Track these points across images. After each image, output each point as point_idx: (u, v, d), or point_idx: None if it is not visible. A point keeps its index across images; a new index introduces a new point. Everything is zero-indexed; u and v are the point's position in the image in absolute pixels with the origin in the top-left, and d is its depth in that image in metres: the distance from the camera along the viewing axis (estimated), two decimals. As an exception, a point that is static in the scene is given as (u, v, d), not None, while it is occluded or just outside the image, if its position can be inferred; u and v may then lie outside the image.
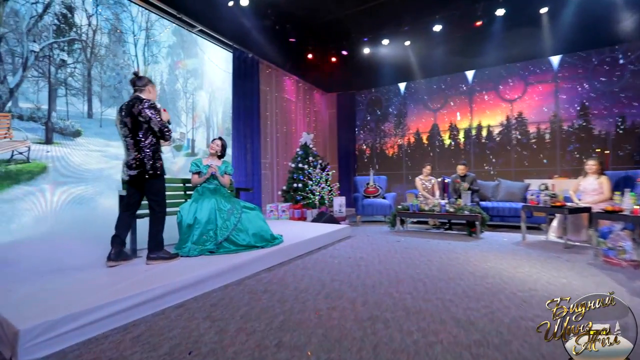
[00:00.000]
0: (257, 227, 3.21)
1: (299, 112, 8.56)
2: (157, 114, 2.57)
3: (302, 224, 4.95)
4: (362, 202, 6.02)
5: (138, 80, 2.64)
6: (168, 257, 2.63)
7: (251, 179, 6.67)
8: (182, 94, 5.60)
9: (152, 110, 2.55)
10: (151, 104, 2.56)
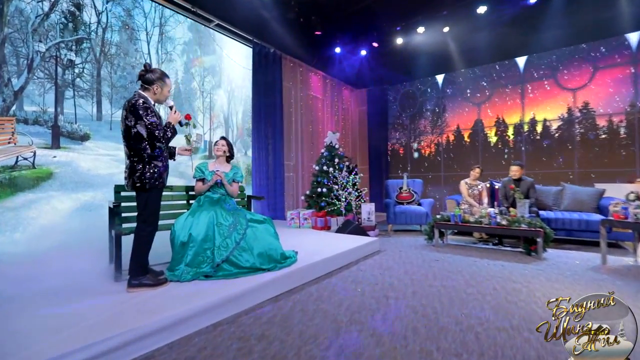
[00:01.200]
0: (264, 245, 2.71)
1: (325, 110, 8.01)
2: (150, 115, 2.13)
3: (325, 235, 4.39)
4: (394, 209, 5.33)
5: (147, 74, 2.22)
6: (153, 284, 2.21)
7: (273, 182, 6.24)
8: (198, 93, 5.29)
9: (141, 110, 2.11)
10: (142, 104, 2.12)
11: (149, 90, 2.28)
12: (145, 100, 2.19)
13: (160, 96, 2.32)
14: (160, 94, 2.31)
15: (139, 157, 2.19)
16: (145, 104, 2.17)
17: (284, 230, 4.77)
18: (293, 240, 3.95)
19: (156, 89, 2.28)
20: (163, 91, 2.32)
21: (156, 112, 2.30)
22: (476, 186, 4.71)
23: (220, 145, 3.05)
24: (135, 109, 2.13)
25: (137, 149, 2.19)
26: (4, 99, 3.40)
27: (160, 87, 2.30)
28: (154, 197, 2.24)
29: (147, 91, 2.28)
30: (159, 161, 2.26)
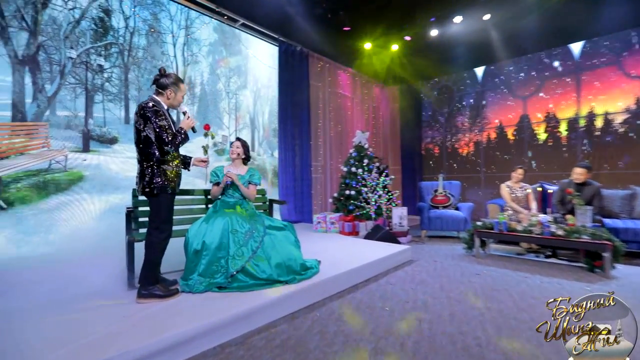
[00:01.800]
0: (283, 254, 2.49)
1: (355, 108, 7.70)
2: (159, 118, 2.02)
3: (352, 241, 4.11)
4: (429, 214, 4.91)
5: (161, 79, 2.16)
6: (163, 295, 2.07)
7: (300, 184, 6.06)
8: (224, 94, 5.23)
9: (150, 113, 2.02)
10: (152, 107, 2.02)
11: (163, 95, 2.20)
12: (156, 104, 2.10)
13: (173, 101, 2.23)
14: (173, 98, 2.22)
15: (148, 161, 2.09)
16: (155, 107, 2.06)
17: (309, 235, 4.56)
18: (317, 247, 3.72)
19: (169, 94, 2.19)
20: (177, 96, 2.23)
21: (168, 116, 2.18)
22: (521, 189, 4.17)
23: (234, 147, 2.89)
24: (144, 112, 2.04)
25: (147, 153, 2.08)
26: (38, 104, 3.51)
27: (174, 92, 2.21)
28: (164, 203, 2.12)
29: (160, 96, 2.21)
30: (169, 165, 2.14)
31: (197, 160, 2.53)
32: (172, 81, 2.20)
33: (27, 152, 3.44)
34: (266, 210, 3.43)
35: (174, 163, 2.18)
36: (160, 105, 2.16)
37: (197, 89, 4.85)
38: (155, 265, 2.10)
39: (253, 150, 5.73)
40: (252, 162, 5.64)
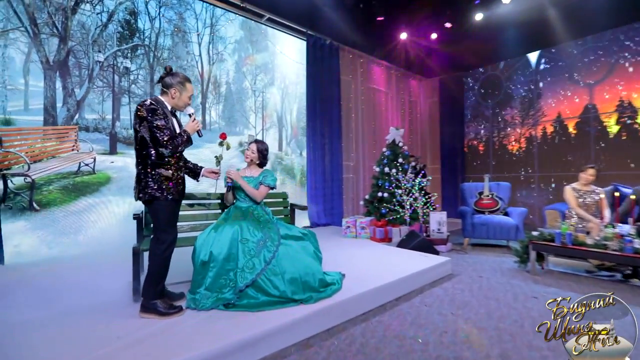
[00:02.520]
0: (299, 268, 2.21)
1: (390, 103, 7.22)
2: (156, 117, 1.85)
3: (383, 250, 3.72)
4: (473, 220, 4.35)
5: (166, 77, 2.00)
6: (164, 312, 1.89)
7: (330, 185, 5.75)
8: (250, 92, 5.08)
9: (147, 111, 1.84)
10: (149, 105, 1.85)
11: (167, 95, 2.02)
12: (155, 103, 1.92)
13: (178, 101, 2.04)
14: (178, 98, 2.04)
15: (144, 164, 1.93)
16: (152, 105, 1.89)
17: (337, 241, 4.24)
18: (344, 255, 3.39)
19: (174, 93, 2.01)
20: (182, 96, 2.04)
21: (171, 117, 2.00)
22: (590, 193, 3.48)
23: (249, 152, 2.64)
24: (141, 111, 1.86)
25: (142, 156, 1.92)
26: (68, 108, 3.57)
27: (179, 92, 2.02)
28: (161, 211, 1.94)
29: (164, 95, 2.04)
30: (167, 170, 1.95)
31: (208, 172, 2.36)
32: (179, 80, 2.02)
33: (58, 155, 3.52)
34: (287, 216, 3.17)
35: (173, 167, 1.99)
36: (163, 105, 1.99)
37: (223, 88, 4.75)
38: (157, 278, 1.92)
39: (280, 150, 5.53)
40: (280, 163, 5.44)
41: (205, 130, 4.57)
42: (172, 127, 2.00)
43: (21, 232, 3.29)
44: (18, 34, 3.30)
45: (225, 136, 2.45)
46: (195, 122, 2.07)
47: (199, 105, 4.48)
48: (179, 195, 2.03)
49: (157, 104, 1.92)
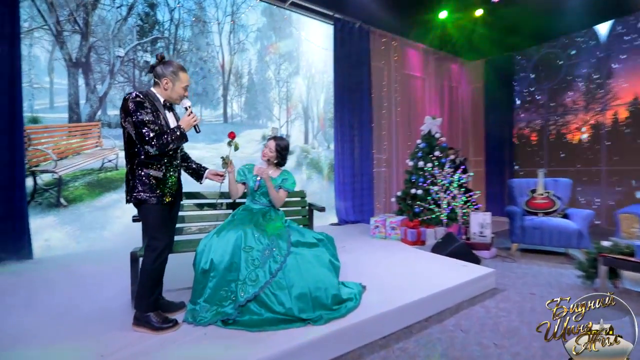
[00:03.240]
0: (310, 281, 1.92)
1: (427, 90, 6.61)
2: (141, 112, 1.64)
3: (415, 255, 3.32)
4: (523, 222, 3.75)
5: (158, 67, 1.79)
6: (157, 327, 1.72)
7: (359, 179, 5.39)
8: (274, 82, 4.84)
9: (132, 104, 1.65)
10: (134, 98, 1.66)
11: (159, 86, 1.81)
12: (143, 95, 1.72)
13: (171, 93, 1.83)
14: (171, 90, 1.82)
15: (132, 164, 1.74)
16: (138, 98, 1.68)
17: (365, 242, 3.89)
18: (368, 260, 3.05)
19: (166, 84, 1.80)
20: (175, 87, 1.82)
21: (162, 111, 1.79)
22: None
23: (267, 150, 2.38)
24: (125, 104, 1.67)
25: (131, 154, 1.73)
26: (91, 105, 3.58)
27: (172, 82, 1.80)
28: (150, 216, 1.75)
29: (156, 86, 1.83)
30: (156, 170, 1.75)
31: (212, 174, 2.16)
32: (171, 70, 1.80)
33: (82, 152, 3.55)
34: (305, 217, 2.89)
35: (164, 167, 1.79)
36: (154, 97, 1.78)
37: (245, 78, 4.55)
38: (149, 290, 1.75)
39: (306, 143, 5.26)
40: (306, 157, 5.18)
41: (227, 123, 4.42)
42: (164, 122, 1.79)
43: (51, 227, 3.37)
44: (42, 32, 3.33)
45: (234, 135, 2.21)
46: (191, 116, 1.85)
47: (220, 98, 4.33)
48: (172, 198, 1.83)
49: (145, 97, 1.71)
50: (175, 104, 1.91)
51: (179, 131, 1.78)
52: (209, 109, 4.26)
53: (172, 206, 1.92)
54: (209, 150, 4.22)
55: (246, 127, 4.56)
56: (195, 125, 1.89)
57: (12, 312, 1.98)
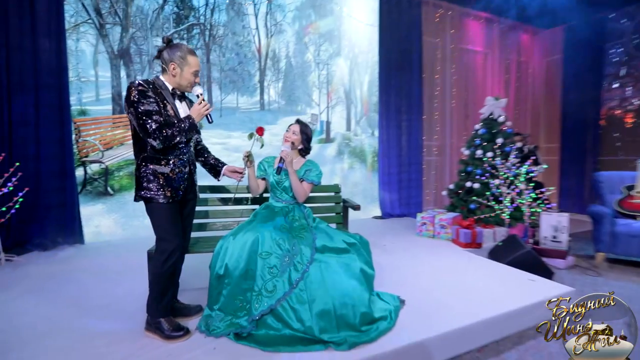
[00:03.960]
0: (335, 296, 1.64)
1: (490, 67, 5.75)
2: (145, 101, 1.48)
3: (467, 260, 2.85)
4: (614, 227, 3.01)
5: (164, 52, 1.62)
6: (167, 335, 1.60)
7: (407, 169, 4.92)
8: (313, 65, 4.53)
9: (135, 94, 1.50)
10: (138, 86, 1.51)
11: (166, 72, 1.63)
12: (146, 84, 1.55)
13: (180, 79, 1.63)
14: (180, 76, 1.62)
15: (137, 158, 1.61)
16: (141, 86, 1.51)
17: (409, 241, 3.50)
18: (410, 266, 2.67)
19: (173, 70, 1.60)
20: (184, 73, 1.62)
21: (167, 99, 1.60)
22: None
23: (289, 133, 2.10)
24: (128, 94, 1.51)
25: (137, 149, 1.61)
26: (132, 95, 3.64)
27: (180, 67, 1.60)
28: (160, 215, 1.61)
29: (164, 74, 1.65)
30: (163, 166, 1.58)
31: (229, 171, 1.96)
32: (179, 54, 1.60)
33: (125, 142, 3.65)
34: (339, 214, 2.59)
35: (172, 163, 1.61)
36: (161, 85, 1.61)
37: (282, 62, 4.31)
38: (159, 294, 1.63)
39: (348, 130, 4.90)
40: (347, 145, 4.84)
41: (264, 110, 4.25)
42: (174, 112, 1.61)
43: (100, 215, 3.55)
44: (87, 26, 3.42)
45: (262, 132, 1.96)
46: (202, 104, 1.64)
47: (256, 84, 4.16)
48: (182, 196, 1.66)
49: (148, 85, 1.54)
50: (186, 92, 1.72)
51: (189, 122, 1.59)
52: (245, 95, 4.12)
53: (184, 205, 1.77)
54: (244, 139, 4.10)
55: (284, 114, 4.35)
56: (207, 115, 1.68)
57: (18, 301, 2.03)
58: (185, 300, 2.02)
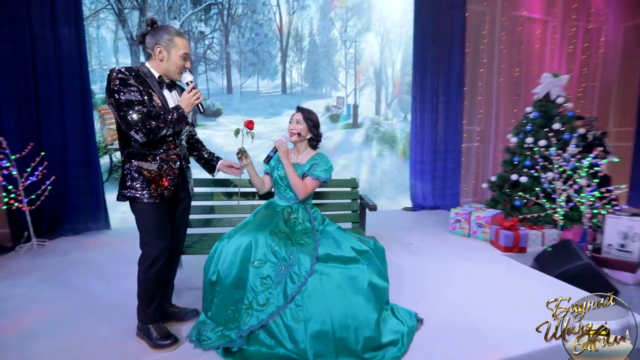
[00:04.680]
0: (335, 315, 1.42)
1: (550, 37, 4.94)
2: (126, 90, 1.32)
3: (507, 269, 2.46)
4: None
5: (148, 35, 1.43)
6: (154, 344, 1.49)
7: (442, 157, 4.47)
8: (339, 43, 4.16)
9: (115, 82, 1.32)
10: (118, 74, 1.33)
11: (152, 58, 1.45)
12: (128, 71, 1.36)
13: (168, 64, 1.44)
14: (167, 60, 1.43)
15: (121, 154, 1.48)
16: (121, 74, 1.33)
17: (438, 239, 3.15)
18: (436, 272, 2.35)
19: (159, 53, 1.41)
20: (172, 56, 1.42)
21: (152, 88, 1.42)
22: None
23: (294, 123, 1.85)
24: (108, 82, 1.34)
25: (122, 142, 1.47)
26: (152, 81, 3.59)
27: (166, 50, 1.41)
28: (144, 216, 1.47)
29: (150, 60, 1.46)
30: (150, 161, 1.43)
31: (225, 165, 1.77)
32: (167, 37, 1.40)
33: (147, 130, 3.64)
34: (356, 212, 2.33)
35: (159, 159, 1.45)
36: (146, 73, 1.42)
37: (305, 41, 4.00)
38: (145, 300, 1.52)
39: (378, 114, 4.51)
40: (376, 130, 4.47)
41: (286, 94, 4.01)
42: (161, 102, 1.43)
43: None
44: (106, 12, 3.37)
45: (252, 124, 1.75)
46: (192, 92, 1.44)
47: (277, 66, 3.91)
48: (168, 196, 1.50)
49: (130, 73, 1.35)
50: (175, 79, 1.52)
51: (177, 113, 1.41)
52: (266, 79, 3.90)
53: (176, 204, 1.62)
54: (266, 124, 3.92)
55: (307, 97, 4.07)
56: (198, 105, 1.49)
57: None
58: (185, 300, 1.94)
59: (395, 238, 3.18)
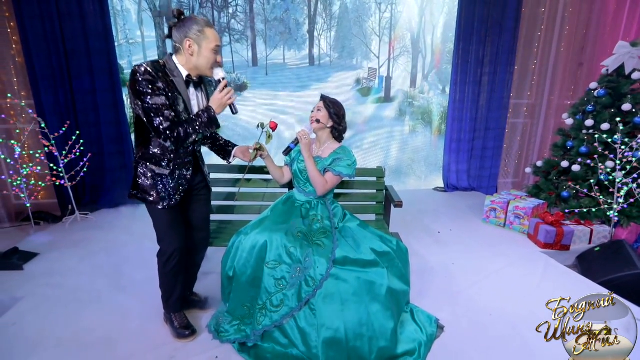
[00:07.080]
0: (349, 322, 1.38)
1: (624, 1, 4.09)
2: (154, 92, 1.24)
3: (545, 269, 2.26)
4: None
5: (175, 29, 1.32)
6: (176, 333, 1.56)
7: (481, 134, 4.11)
8: (373, 7, 3.77)
9: (142, 84, 1.23)
10: (144, 73, 1.23)
11: (180, 53, 1.33)
12: (154, 68, 1.25)
13: (199, 59, 1.33)
14: (198, 54, 1.32)
15: (137, 152, 1.43)
16: (148, 74, 1.23)
17: (470, 229, 2.97)
18: (465, 268, 2.22)
19: (189, 47, 1.30)
20: (202, 50, 1.31)
21: (178, 89, 1.33)
22: None
23: (315, 111, 1.72)
24: (133, 82, 1.24)
25: (139, 141, 1.41)
26: (178, 55, 3.51)
27: (196, 43, 1.30)
28: (156, 216, 1.46)
29: (177, 54, 1.35)
30: (162, 167, 1.39)
31: (240, 151, 1.71)
32: (195, 27, 1.28)
33: (174, 105, 3.64)
34: (381, 203, 2.20)
35: (172, 164, 1.41)
36: (172, 70, 1.32)
37: (336, 6, 3.65)
38: (165, 293, 1.57)
39: (413, 86, 4.16)
40: (410, 104, 4.16)
41: (313, 66, 3.77)
42: (185, 104, 1.35)
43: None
44: (130, -19, 3.26)
45: (276, 125, 1.65)
46: (224, 92, 1.35)
47: (305, 35, 3.64)
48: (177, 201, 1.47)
49: (157, 72, 1.25)
50: (207, 75, 1.41)
51: (207, 115, 1.33)
52: (292, 49, 3.67)
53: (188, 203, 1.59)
54: (293, 98, 3.77)
55: (336, 69, 3.82)
56: (230, 106, 1.40)
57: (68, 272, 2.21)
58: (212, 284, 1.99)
59: (422, 225, 3.03)
